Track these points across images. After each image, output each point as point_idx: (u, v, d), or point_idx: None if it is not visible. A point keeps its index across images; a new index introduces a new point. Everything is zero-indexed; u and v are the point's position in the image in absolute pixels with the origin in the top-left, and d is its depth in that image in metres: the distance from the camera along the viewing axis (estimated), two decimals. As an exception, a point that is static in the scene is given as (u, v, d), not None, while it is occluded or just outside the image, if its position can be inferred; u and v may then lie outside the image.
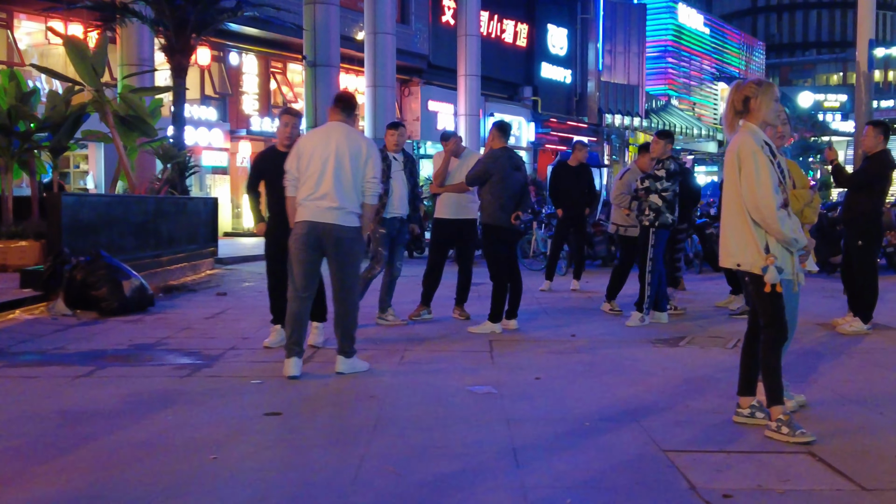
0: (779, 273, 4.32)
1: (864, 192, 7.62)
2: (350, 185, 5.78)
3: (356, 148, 5.79)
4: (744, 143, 4.35)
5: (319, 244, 5.78)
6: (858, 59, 8.32)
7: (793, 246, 4.40)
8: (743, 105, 4.43)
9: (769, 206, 4.27)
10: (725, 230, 4.47)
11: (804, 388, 5.39)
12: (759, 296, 4.42)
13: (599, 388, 5.46)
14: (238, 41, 23.58)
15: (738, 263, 4.41)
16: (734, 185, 4.40)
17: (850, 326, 7.60)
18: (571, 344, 7.14)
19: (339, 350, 5.89)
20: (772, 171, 4.37)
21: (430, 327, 7.98)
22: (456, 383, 5.54)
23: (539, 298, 10.29)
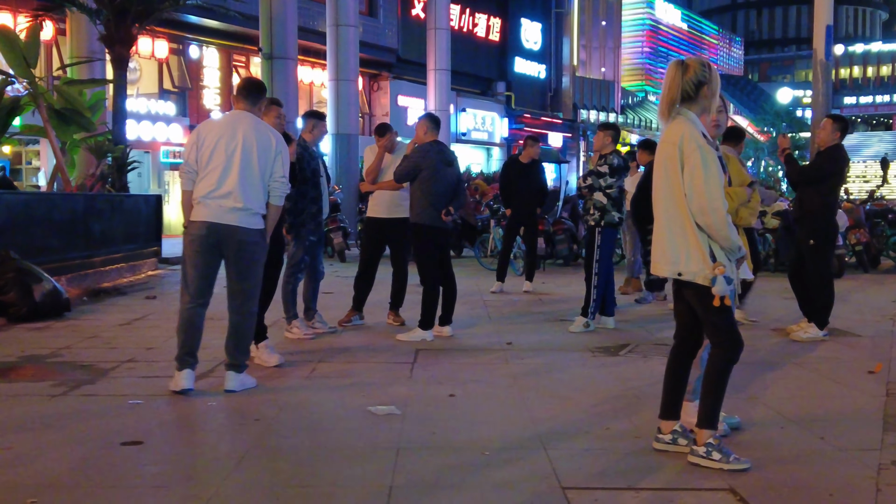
0: (727, 283, 3.79)
1: (815, 187, 7.12)
2: (257, 183, 5.23)
3: (265, 142, 5.22)
4: (687, 134, 3.81)
5: (219, 247, 5.21)
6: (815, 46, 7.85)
7: (735, 255, 3.87)
8: (694, 90, 3.88)
9: (719, 210, 3.74)
10: (662, 233, 3.91)
11: (741, 406, 4.88)
12: (706, 311, 3.88)
13: (516, 407, 4.92)
14: (198, 34, 22.94)
15: (680, 272, 3.86)
16: (673, 181, 3.85)
17: (805, 333, 7.10)
18: (504, 353, 6.60)
19: (228, 365, 5.32)
20: (719, 168, 3.83)
21: (358, 335, 7.42)
22: (359, 401, 4.98)
23: (487, 301, 9.75)
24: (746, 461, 3.84)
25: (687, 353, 4.07)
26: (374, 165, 7.85)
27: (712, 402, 3.90)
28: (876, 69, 72.91)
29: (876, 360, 6.26)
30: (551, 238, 13.87)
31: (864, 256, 13.24)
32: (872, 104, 70.81)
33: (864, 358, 6.37)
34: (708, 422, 3.90)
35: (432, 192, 7.08)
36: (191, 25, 22.53)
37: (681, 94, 3.86)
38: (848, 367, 6.04)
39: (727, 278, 3.77)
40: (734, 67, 64.49)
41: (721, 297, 3.77)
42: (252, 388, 5.29)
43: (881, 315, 8.54)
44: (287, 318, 7.27)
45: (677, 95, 3.86)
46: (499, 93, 33.87)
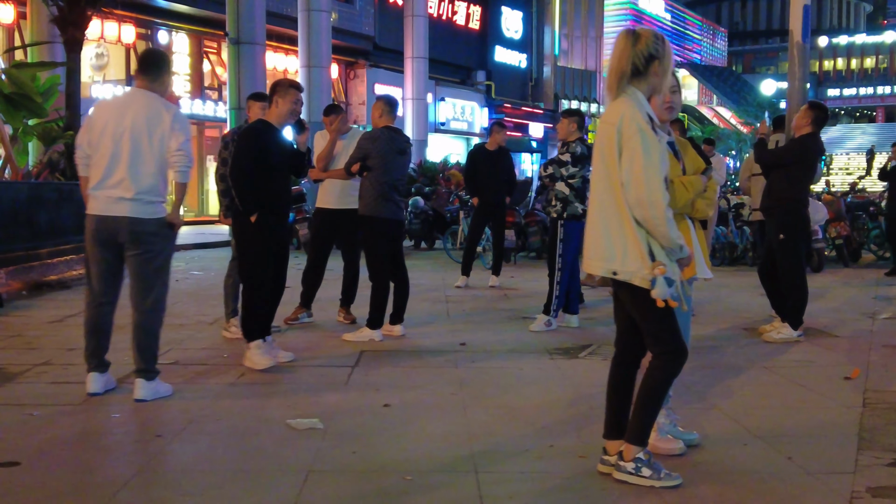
0: (669, 286, 3.32)
1: (784, 174, 6.67)
2: (151, 168, 4.72)
3: (155, 119, 4.71)
4: (628, 115, 3.33)
5: (114, 241, 4.70)
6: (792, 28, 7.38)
7: (677, 254, 3.40)
8: (645, 64, 3.40)
9: (658, 204, 3.27)
10: (596, 227, 3.44)
11: (701, 418, 4.42)
12: (644, 316, 3.42)
13: (455, 420, 4.44)
14: (167, 18, 22.33)
15: (615, 272, 3.39)
16: (610, 168, 3.38)
17: (778, 334, 6.66)
18: (455, 356, 6.12)
19: (136, 370, 4.81)
20: (663, 156, 3.36)
21: (303, 334, 6.93)
22: (281, 413, 4.49)
23: (450, 297, 9.28)
24: (677, 476, 3.42)
25: (630, 362, 3.61)
26: (325, 152, 7.31)
27: (646, 416, 3.46)
28: (860, 61, 72.76)
29: (853, 364, 5.82)
30: (523, 230, 13.41)
31: (844, 250, 12.84)
32: (856, 96, 70.68)
33: (840, 362, 5.94)
34: (638, 438, 3.45)
35: (382, 182, 6.58)
36: (160, 10, 21.93)
37: (631, 67, 3.39)
38: (822, 373, 5.59)
39: (668, 280, 3.30)
40: (718, 59, 64.14)
41: (663, 300, 3.30)
42: (167, 397, 4.79)
43: (860, 313, 8.12)
44: (226, 315, 6.77)
45: (627, 68, 3.39)
46: (479, 82, 33.35)
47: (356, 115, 28.14)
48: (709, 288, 9.97)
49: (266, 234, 5.60)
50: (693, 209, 3.85)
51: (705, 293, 9.44)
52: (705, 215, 3.91)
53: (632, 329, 3.56)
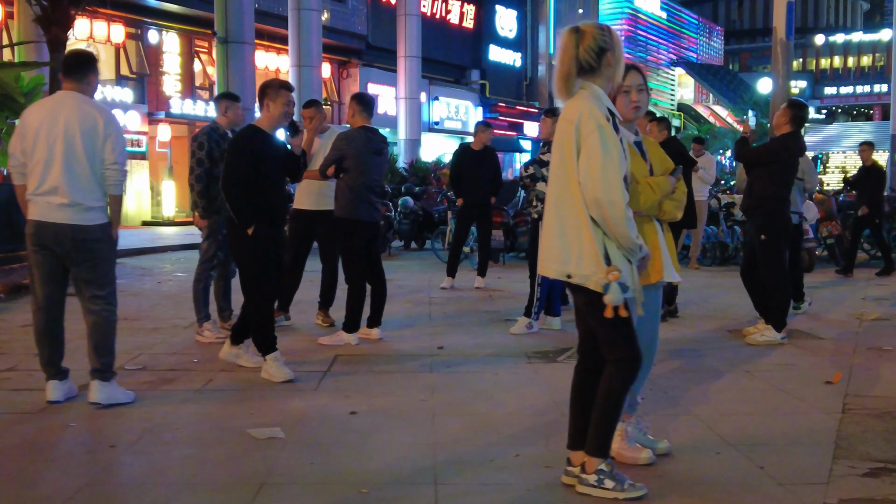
0: (623, 291, 3.20)
1: (764, 174, 6.55)
2: (87, 174, 4.60)
3: (90, 124, 4.58)
4: (587, 111, 3.22)
5: (57, 247, 4.61)
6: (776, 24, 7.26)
7: (635, 255, 3.28)
8: (596, 60, 3.28)
9: (617, 203, 3.15)
10: (552, 228, 3.33)
11: (674, 424, 4.30)
12: (599, 322, 3.30)
13: (422, 428, 4.32)
14: (157, 18, 22.16)
15: (569, 275, 3.27)
16: (567, 166, 3.27)
17: (762, 336, 6.53)
18: (431, 360, 5.99)
19: (91, 371, 4.72)
20: (622, 154, 3.24)
21: (279, 338, 6.73)
22: (243, 422, 4.37)
23: (434, 298, 9.15)
24: (642, 487, 3.30)
25: (593, 369, 3.48)
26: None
27: (605, 426, 3.34)
28: (857, 59, 72.62)
29: (836, 367, 5.69)
30: (512, 230, 13.28)
31: (835, 250, 12.70)
32: (853, 94, 70.54)
33: (823, 365, 5.81)
34: (599, 449, 3.33)
35: (358, 184, 6.45)
36: (149, 9, 21.76)
37: (577, 65, 3.27)
38: (804, 377, 5.47)
39: (622, 285, 3.18)
40: (714, 57, 64.00)
41: (614, 307, 3.18)
42: (127, 404, 4.66)
43: (848, 314, 7.99)
44: (198, 320, 6.63)
45: (572, 68, 3.27)
46: (473, 81, 33.20)
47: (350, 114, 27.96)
48: (697, 288, 9.86)
49: (265, 244, 5.38)
50: (660, 211, 3.73)
51: (693, 294, 9.33)
52: (673, 217, 3.78)
53: (594, 334, 3.43)
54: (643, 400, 4.77)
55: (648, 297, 3.79)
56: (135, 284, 10.35)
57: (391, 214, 14.29)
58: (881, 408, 4.66)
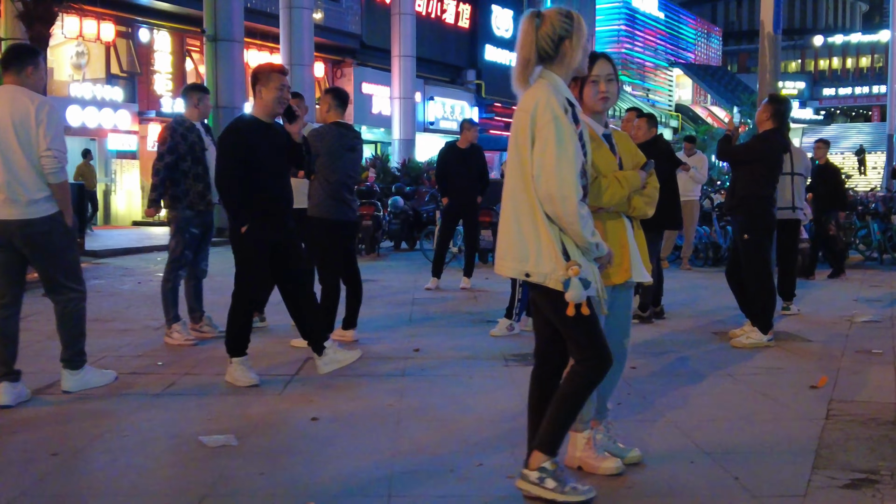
0: (584, 287, 3.01)
1: (748, 172, 6.37)
2: (25, 166, 4.48)
3: (22, 114, 4.44)
4: (543, 101, 3.04)
5: (9, 244, 4.47)
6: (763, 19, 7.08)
7: (591, 252, 3.09)
8: (554, 48, 3.10)
9: (570, 199, 2.97)
10: (508, 225, 3.14)
11: (648, 431, 4.11)
12: (562, 321, 3.11)
13: (385, 435, 4.12)
14: (148, 16, 21.98)
15: (528, 273, 3.09)
16: (522, 159, 3.08)
17: (748, 339, 6.34)
18: (406, 363, 5.80)
19: (61, 361, 4.71)
20: (577, 145, 3.05)
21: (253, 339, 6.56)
22: (199, 428, 4.17)
23: (417, 299, 8.95)
24: (587, 491, 3.14)
25: (551, 373, 3.30)
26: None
27: (559, 425, 3.17)
28: (855, 60, 72.48)
29: (823, 371, 5.50)
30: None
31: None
32: (852, 96, 70.38)
33: (809, 369, 5.62)
34: (548, 446, 3.16)
35: (331, 182, 6.26)
36: (140, 7, 21.58)
37: (537, 52, 3.09)
38: (788, 381, 5.27)
39: (583, 281, 2.99)
40: (712, 58, 63.86)
41: (576, 304, 2.99)
42: (76, 413, 4.47)
43: (839, 316, 7.80)
44: (167, 321, 6.44)
45: (532, 55, 3.10)
46: (469, 81, 33.00)
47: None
48: (687, 289, 9.68)
49: (261, 243, 5.12)
50: (630, 207, 3.53)
51: (682, 295, 9.15)
52: (644, 214, 3.59)
53: (553, 337, 3.25)
54: (619, 405, 4.62)
55: (618, 297, 3.61)
56: (114, 285, 10.16)
57: (380, 214, 14.09)
58: (866, 414, 4.47)
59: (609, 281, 3.41)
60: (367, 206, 13.93)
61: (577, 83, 3.51)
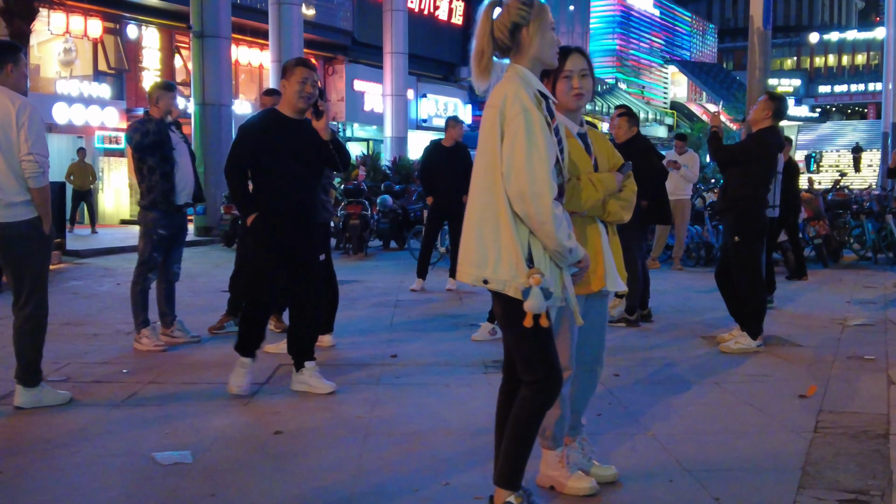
0: (546, 298, 2.80)
1: (741, 172, 6.16)
2: (3, 168, 4.29)
3: (2, 117, 4.25)
4: (512, 94, 2.83)
5: None
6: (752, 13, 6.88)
7: (565, 259, 2.88)
8: (510, 37, 2.89)
9: (542, 197, 2.76)
10: (470, 229, 2.92)
11: (628, 445, 3.90)
12: (515, 335, 2.90)
13: (349, 451, 3.91)
14: (136, 12, 21.77)
15: (486, 280, 2.87)
16: (490, 157, 2.87)
17: (736, 344, 6.14)
18: (381, 370, 5.60)
19: (16, 377, 4.49)
20: (549, 139, 2.84)
21: (223, 345, 6.34)
22: (155, 443, 3.96)
23: (401, 301, 8.75)
24: None
25: (518, 390, 3.08)
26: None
27: (517, 456, 2.95)
28: (851, 58, 72.35)
29: (813, 378, 5.31)
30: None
31: (823, 250, 12.33)
32: (847, 93, 70.27)
33: (799, 376, 5.42)
34: (509, 480, 2.95)
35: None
36: (128, 3, 21.35)
37: (493, 43, 2.89)
38: (777, 390, 5.07)
39: (545, 291, 2.78)
40: (708, 55, 63.65)
41: (535, 315, 2.79)
42: (28, 427, 4.26)
43: (831, 319, 7.59)
44: (136, 326, 6.22)
45: (486, 45, 2.90)
46: (462, 78, 32.76)
47: (335, 111, 27.59)
48: (677, 290, 9.49)
49: (268, 240, 4.87)
50: (605, 211, 3.32)
51: (672, 297, 8.95)
52: (620, 219, 3.38)
53: None
54: (600, 416, 4.42)
55: (592, 307, 3.40)
56: (92, 286, 9.93)
57: (367, 214, 13.88)
58: (857, 426, 4.27)
59: (582, 290, 3.21)
60: (354, 205, 13.73)
61: (550, 79, 3.31)
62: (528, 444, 2.93)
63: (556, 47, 3.01)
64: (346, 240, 14.02)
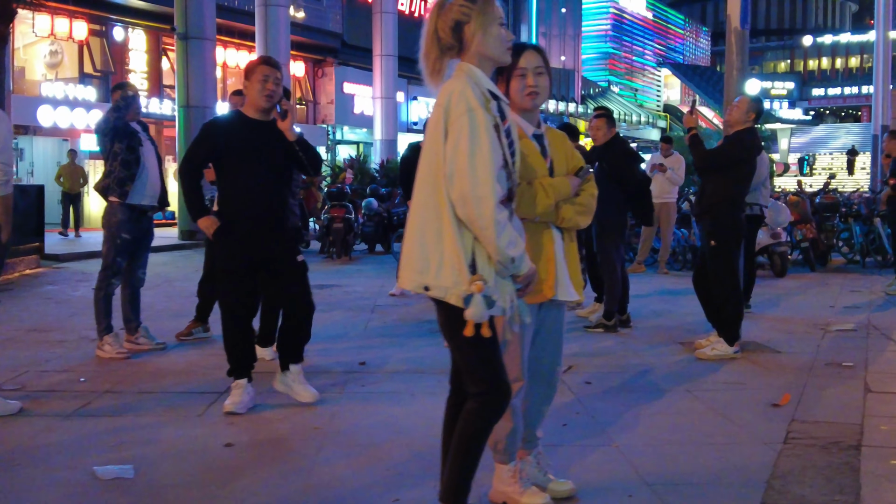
0: (488, 306, 2.66)
1: (721, 176, 6.03)
2: None
3: None
4: (458, 92, 2.69)
5: None
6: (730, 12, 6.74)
7: (507, 269, 2.74)
8: (453, 35, 2.75)
9: (485, 200, 2.62)
10: (413, 233, 2.77)
11: (590, 458, 3.76)
12: (457, 345, 2.77)
13: (301, 464, 3.77)
14: (122, 14, 21.57)
15: (427, 286, 2.72)
16: (434, 158, 2.73)
17: (713, 350, 6.01)
18: (347, 377, 5.46)
19: None
20: (494, 141, 2.70)
21: (188, 353, 6.24)
22: (97, 458, 3.81)
23: (379, 306, 8.61)
24: None
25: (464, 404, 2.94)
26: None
27: (462, 472, 2.80)
28: (845, 60, 72.41)
29: (788, 386, 5.18)
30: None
31: (810, 253, 12.21)
32: (841, 96, 70.33)
33: (774, 384, 5.28)
34: (453, 496, 2.80)
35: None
36: (114, 5, 21.17)
37: (438, 43, 2.76)
38: (750, 398, 4.94)
39: (487, 299, 2.64)
40: (701, 58, 63.62)
41: (476, 324, 2.65)
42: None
43: (813, 325, 7.46)
44: (98, 332, 6.07)
45: (432, 47, 2.76)
46: (453, 81, 32.64)
47: (324, 114, 27.48)
48: (660, 295, 9.36)
49: (236, 249, 4.62)
50: (558, 217, 3.18)
51: (654, 301, 8.83)
52: (576, 225, 3.23)
53: None
54: (565, 426, 4.29)
55: (547, 317, 3.26)
56: (66, 291, 9.77)
57: (351, 217, 13.73)
58: (828, 437, 4.13)
59: (534, 298, 3.07)
60: (338, 208, 13.58)
61: (504, 78, 3.18)
62: (474, 460, 2.79)
63: (505, 43, 2.87)
64: (330, 243, 13.87)
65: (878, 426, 4.31)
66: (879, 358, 6.05)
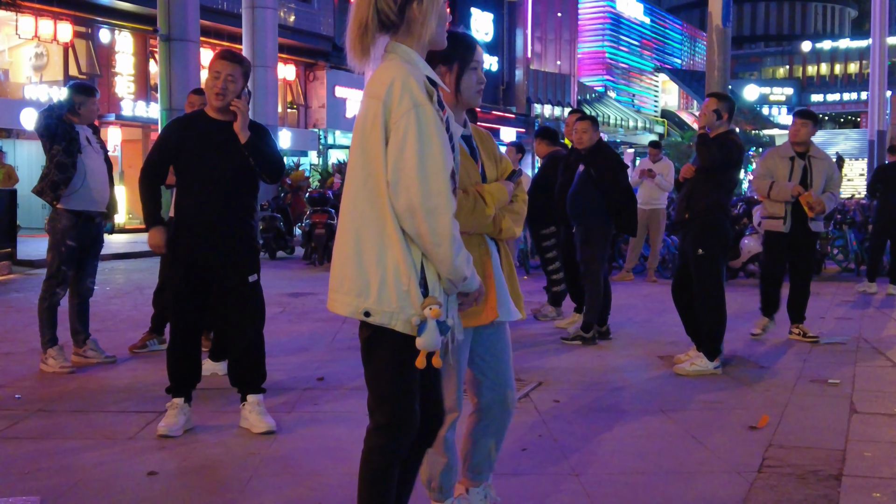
0: (442, 332, 2.33)
1: (710, 182, 5.68)
2: None
3: None
4: (399, 84, 2.29)
5: None
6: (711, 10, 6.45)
7: (456, 288, 2.39)
8: (398, 12, 2.38)
9: (437, 210, 2.27)
10: (344, 248, 2.38)
11: (548, 488, 3.43)
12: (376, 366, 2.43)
13: (221, 499, 3.44)
14: (108, 16, 21.26)
15: (368, 312, 2.35)
16: (371, 160, 2.33)
17: (692, 366, 5.67)
18: (302, 395, 5.13)
19: None
20: (446, 142, 2.35)
21: (139, 366, 5.91)
22: (9, 487, 3.48)
23: (351, 316, 8.24)
24: None
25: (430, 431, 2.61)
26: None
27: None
28: (844, 66, 72.09)
29: (769, 405, 4.85)
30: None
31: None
32: (840, 102, 69.97)
33: (754, 403, 4.95)
34: None
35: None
36: (100, 7, 20.88)
37: (377, 16, 2.37)
38: (727, 419, 4.60)
39: (442, 325, 2.31)
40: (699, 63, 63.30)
41: (428, 353, 2.32)
42: None
43: (801, 337, 7.11)
44: (42, 345, 5.74)
45: (369, 17, 2.37)
46: (447, 85, 32.39)
47: (316, 118, 27.18)
48: (644, 304, 9.04)
49: (186, 260, 4.29)
50: (496, 229, 2.84)
51: (637, 312, 8.50)
52: (513, 235, 2.90)
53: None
54: (525, 451, 3.97)
55: (488, 339, 2.93)
56: (31, 299, 9.37)
57: (333, 223, 13.41)
58: (806, 465, 3.80)
59: (472, 321, 2.74)
60: (319, 213, 13.30)
61: (453, 70, 2.83)
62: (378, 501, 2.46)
63: (445, 25, 2.52)
64: (311, 250, 13.56)
65: (861, 452, 3.98)
66: (867, 374, 5.71)
